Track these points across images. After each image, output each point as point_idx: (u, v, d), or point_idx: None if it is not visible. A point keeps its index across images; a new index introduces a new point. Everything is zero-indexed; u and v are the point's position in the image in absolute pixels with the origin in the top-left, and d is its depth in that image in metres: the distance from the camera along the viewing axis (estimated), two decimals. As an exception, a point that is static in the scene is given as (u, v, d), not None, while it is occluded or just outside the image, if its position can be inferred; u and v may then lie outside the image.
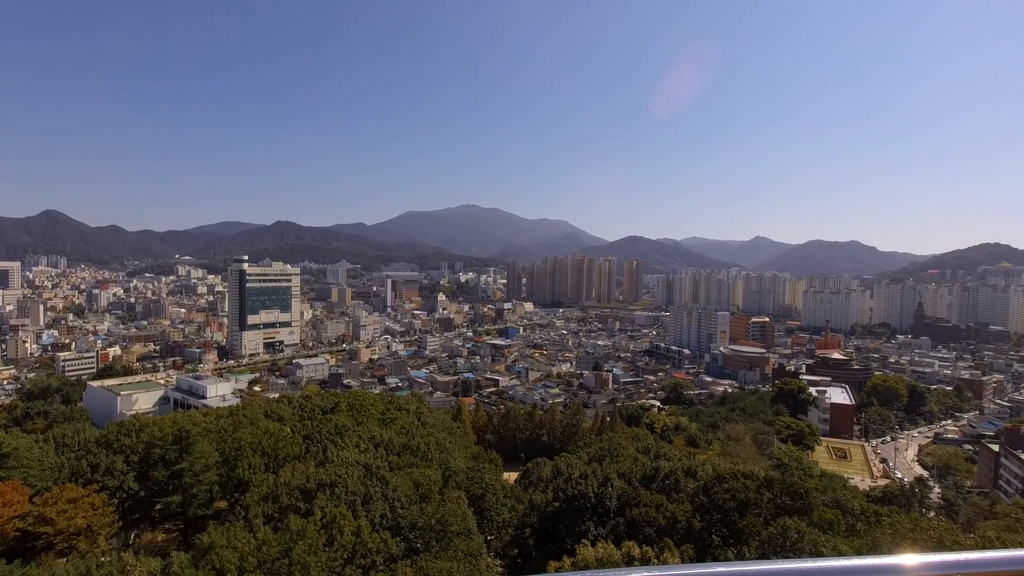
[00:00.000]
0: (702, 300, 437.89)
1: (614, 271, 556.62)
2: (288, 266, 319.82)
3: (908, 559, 2.71)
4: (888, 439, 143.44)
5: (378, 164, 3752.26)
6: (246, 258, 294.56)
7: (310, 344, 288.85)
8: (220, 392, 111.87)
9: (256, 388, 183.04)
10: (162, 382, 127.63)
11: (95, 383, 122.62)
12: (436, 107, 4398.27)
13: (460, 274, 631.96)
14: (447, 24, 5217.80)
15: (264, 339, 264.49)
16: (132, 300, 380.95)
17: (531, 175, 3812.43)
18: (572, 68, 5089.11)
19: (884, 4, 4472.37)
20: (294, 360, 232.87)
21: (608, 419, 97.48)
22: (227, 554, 24.12)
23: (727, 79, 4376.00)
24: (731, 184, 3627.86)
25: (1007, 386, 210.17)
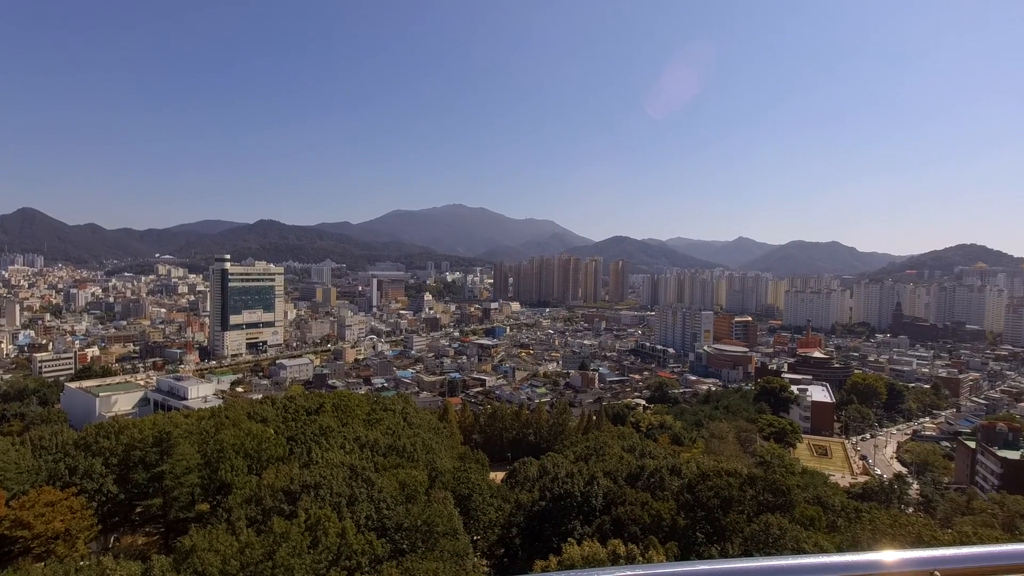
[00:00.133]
0: (686, 300, 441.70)
1: (600, 271, 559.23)
2: (271, 265, 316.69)
3: (887, 555, 2.74)
4: (868, 436, 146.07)
5: (364, 163, 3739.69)
6: (228, 257, 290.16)
7: (294, 344, 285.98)
8: (202, 393, 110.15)
9: (239, 389, 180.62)
10: (142, 383, 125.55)
11: (73, 384, 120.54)
12: (423, 105, 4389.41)
13: (447, 274, 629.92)
14: (434, 22, 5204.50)
15: (247, 339, 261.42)
16: (111, 300, 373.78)
17: (518, 175, 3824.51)
18: (559, 68, 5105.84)
19: (862, 8, 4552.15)
20: (278, 361, 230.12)
21: (594, 418, 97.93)
22: (209, 557, 23.82)
23: (711, 82, 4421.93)
24: (714, 185, 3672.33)
25: (983, 384, 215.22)
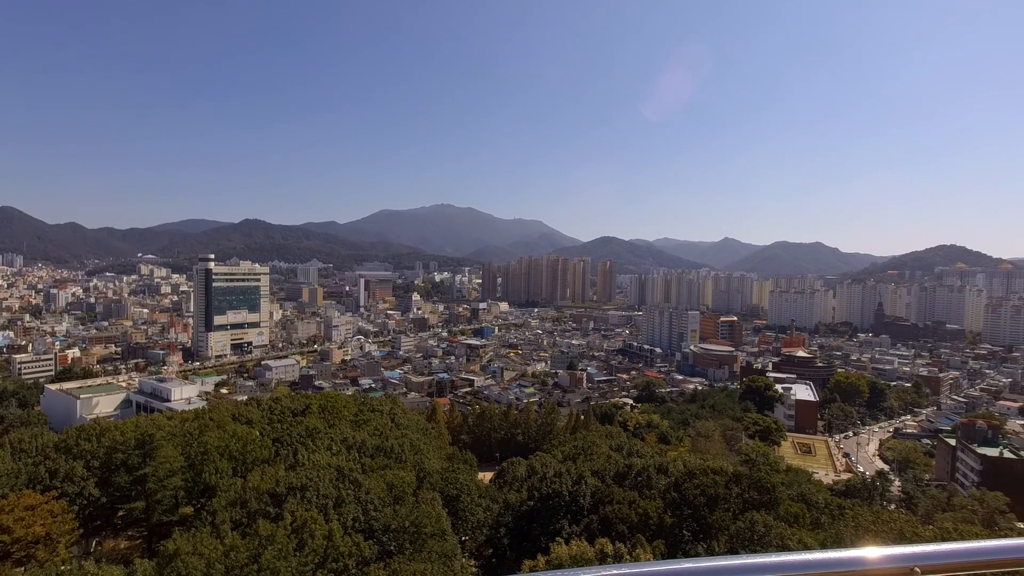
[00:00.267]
0: (673, 300, 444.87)
1: (588, 271, 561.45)
2: (257, 265, 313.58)
3: (870, 552, 2.77)
4: (850, 434, 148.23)
5: (351, 162, 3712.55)
6: (212, 257, 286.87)
7: (280, 345, 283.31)
8: (185, 395, 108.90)
9: (223, 390, 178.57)
10: (124, 385, 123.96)
11: (53, 386, 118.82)
12: (410, 105, 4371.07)
13: (435, 274, 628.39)
14: (422, 20, 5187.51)
15: (232, 340, 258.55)
16: (92, 300, 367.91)
17: (506, 175, 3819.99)
18: (548, 69, 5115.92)
19: (842, 10, 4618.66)
20: (263, 361, 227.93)
21: (582, 418, 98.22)
22: (193, 561, 23.51)
23: (699, 84, 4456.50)
24: (701, 186, 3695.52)
25: (963, 382, 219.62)
